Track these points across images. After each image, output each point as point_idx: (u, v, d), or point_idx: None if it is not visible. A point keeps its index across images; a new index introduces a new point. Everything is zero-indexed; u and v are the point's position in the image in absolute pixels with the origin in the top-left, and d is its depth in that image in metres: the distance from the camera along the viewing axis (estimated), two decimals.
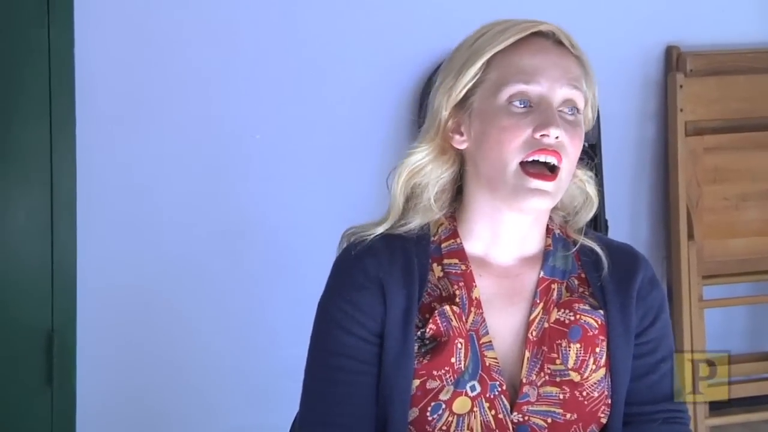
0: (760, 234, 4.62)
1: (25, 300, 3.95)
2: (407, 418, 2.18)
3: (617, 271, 2.27)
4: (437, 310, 2.17)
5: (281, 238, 3.88)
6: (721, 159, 4.55)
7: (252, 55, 4.12)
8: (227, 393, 4.10)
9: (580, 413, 2.18)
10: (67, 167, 3.91)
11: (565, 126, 2.10)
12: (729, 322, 4.70)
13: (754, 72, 4.56)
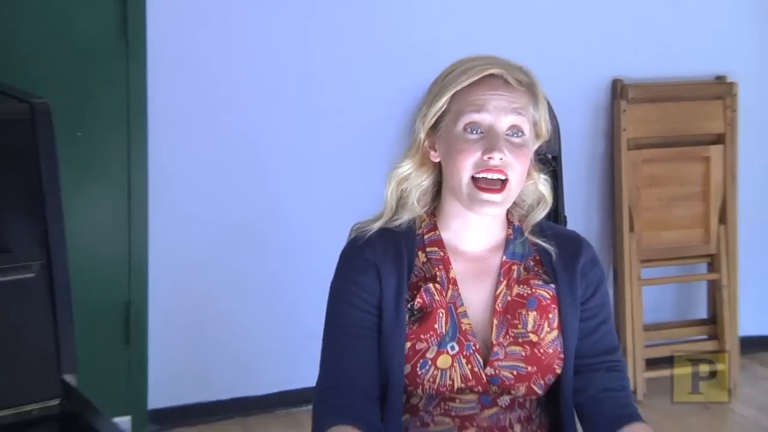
0: (686, 227, 4.72)
1: (108, 278, 4.02)
2: (403, 372, 2.23)
3: (565, 253, 2.35)
4: (423, 287, 2.26)
5: (304, 230, 3.94)
6: (656, 168, 4.62)
7: (280, 77, 4.10)
8: (266, 350, 4.11)
9: (539, 366, 2.24)
10: (140, 172, 3.97)
11: (510, 148, 2.16)
12: (661, 297, 4.75)
13: (682, 100, 4.65)
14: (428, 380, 2.23)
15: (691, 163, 4.66)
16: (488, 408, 2.29)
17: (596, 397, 2.33)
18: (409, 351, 2.23)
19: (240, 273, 4.14)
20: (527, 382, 2.25)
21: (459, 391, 2.26)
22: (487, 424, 2.29)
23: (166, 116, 3.95)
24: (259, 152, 4.11)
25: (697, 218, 4.69)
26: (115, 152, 3.94)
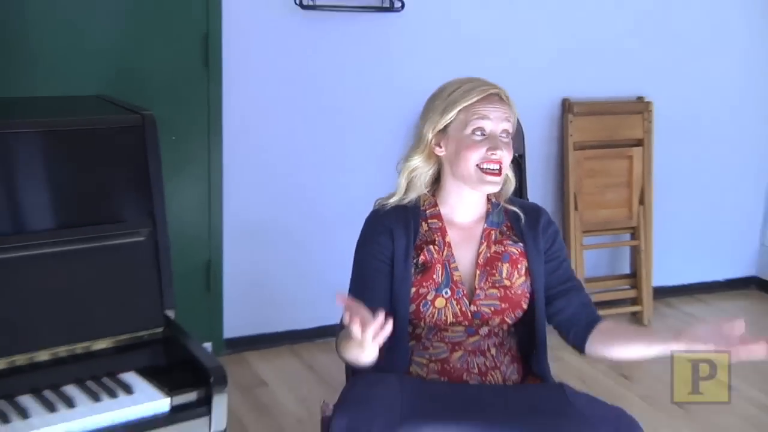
0: (615, 207, 4.72)
1: (194, 243, 4.01)
2: (409, 309, 2.29)
3: (529, 218, 2.43)
4: (425, 248, 2.33)
5: (337, 205, 3.95)
6: (593, 164, 4.63)
7: (316, 96, 4.10)
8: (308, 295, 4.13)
9: (510, 303, 2.33)
10: (216, 165, 3.99)
11: (503, 146, 2.24)
12: (597, 258, 4.77)
13: (612, 113, 4.67)
14: (428, 316, 2.27)
15: (618, 160, 4.65)
16: (472, 336, 2.33)
17: (575, 312, 2.38)
18: (414, 294, 2.28)
19: (288, 237, 4.14)
20: (501, 316, 2.30)
21: (451, 324, 2.30)
22: (471, 348, 2.33)
23: (235, 124, 3.95)
24: (302, 150, 4.10)
25: (622, 200, 4.68)
26: (198, 150, 3.94)
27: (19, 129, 2.11)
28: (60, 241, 2.07)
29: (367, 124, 4.12)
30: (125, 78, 3.66)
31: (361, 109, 4.13)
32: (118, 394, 1.99)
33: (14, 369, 1.98)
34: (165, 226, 2.18)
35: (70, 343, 2.04)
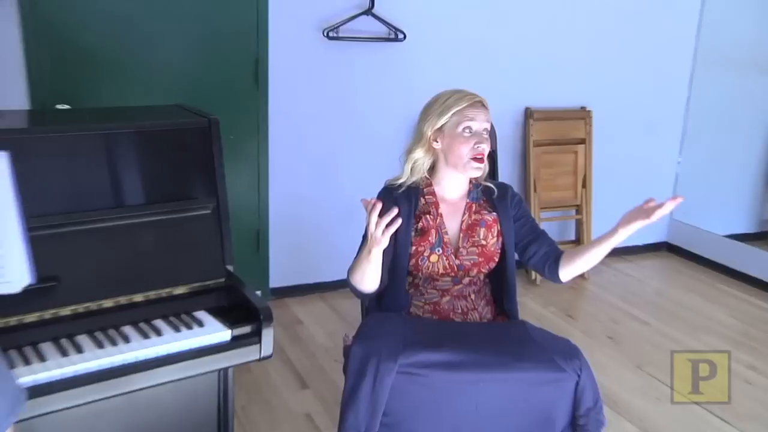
0: (564, 190, 4.71)
1: (246, 214, 4.01)
2: (408, 263, 2.33)
3: (500, 193, 2.44)
4: (422, 217, 2.36)
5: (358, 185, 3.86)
6: (548, 157, 4.63)
7: (343, 104, 4.08)
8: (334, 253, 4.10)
9: (485, 258, 2.36)
10: (264, 158, 3.98)
11: (485, 141, 2.25)
12: (551, 228, 4.72)
13: (563, 119, 4.65)
14: (425, 268, 2.28)
15: (567, 154, 4.64)
16: (457, 285, 2.35)
17: (546, 252, 2.39)
18: (414, 252, 2.30)
19: (318, 211, 4.15)
20: (478, 267, 2.32)
21: (441, 275, 2.32)
22: (456, 294, 2.35)
23: (278, 126, 3.95)
24: (328, 145, 4.10)
25: (569, 185, 4.67)
26: (250, 146, 3.94)
27: (121, 130, 2.13)
28: (149, 213, 2.08)
29: (377, 125, 4.11)
30: (198, 91, 3.66)
31: (372, 114, 4.12)
32: (193, 327, 2.00)
33: (119, 306, 2.00)
34: (225, 202, 2.18)
35: (157, 289, 2.06)
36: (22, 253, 1.82)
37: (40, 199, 1.92)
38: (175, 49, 3.67)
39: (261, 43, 3.80)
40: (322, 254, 4.17)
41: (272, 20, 3.79)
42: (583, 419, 2.09)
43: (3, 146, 1.84)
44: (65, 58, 3.44)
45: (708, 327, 4.02)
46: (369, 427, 2.04)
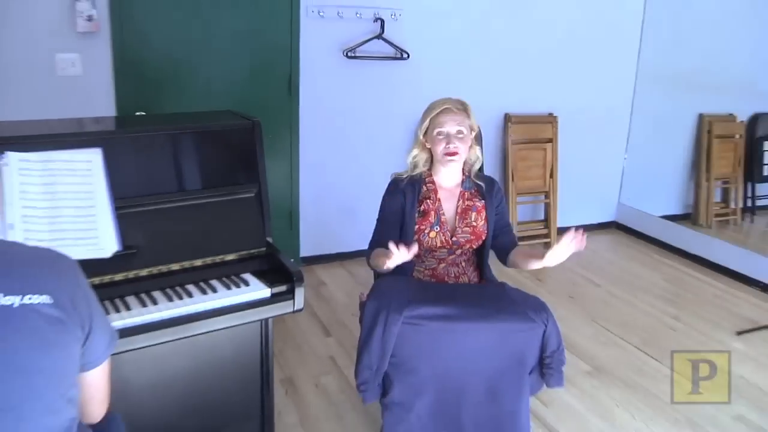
0: (536, 179, 4.65)
1: (281, 200, 4.00)
2: (413, 239, 2.31)
3: (487, 186, 2.41)
4: (424, 201, 2.35)
5: (375, 172, 3.83)
6: (523, 153, 4.59)
7: (363, 108, 4.04)
8: (354, 229, 4.10)
9: (475, 236, 2.38)
10: (295, 152, 3.96)
11: (456, 140, 2.24)
12: (525, 209, 4.72)
13: (534, 123, 4.61)
14: (426, 242, 2.29)
15: (538, 151, 4.60)
16: (451, 255, 2.38)
17: (505, 243, 2.40)
18: (417, 229, 2.29)
19: (341, 196, 4.14)
20: (470, 243, 2.31)
21: (439, 248, 2.34)
22: (450, 262, 2.37)
23: (306, 128, 3.93)
24: (348, 144, 4.08)
25: (540, 176, 4.63)
26: (284, 144, 3.92)
27: (184, 130, 2.14)
28: (205, 195, 2.09)
29: (386, 127, 4.09)
30: (243, 100, 3.65)
31: (382, 118, 4.10)
32: (241, 286, 2.02)
33: (183, 269, 2.02)
34: (266, 187, 2.19)
35: (212, 255, 2.07)
36: (111, 226, 1.86)
37: (124, 185, 1.94)
38: (227, 67, 3.68)
39: (293, 62, 3.79)
40: (343, 230, 4.17)
41: (303, 43, 3.78)
42: (548, 359, 2.12)
43: (97, 144, 1.89)
44: (143, 75, 3.51)
45: (646, 288, 4.05)
46: (380, 366, 2.06)
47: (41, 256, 1.17)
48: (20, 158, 1.78)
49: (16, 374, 1.06)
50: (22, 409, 1.07)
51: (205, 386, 2.19)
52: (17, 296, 1.07)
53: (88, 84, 3.38)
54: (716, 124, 5.00)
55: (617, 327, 3.47)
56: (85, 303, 1.17)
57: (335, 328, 3.37)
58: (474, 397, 2.12)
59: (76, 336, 1.15)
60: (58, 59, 3.30)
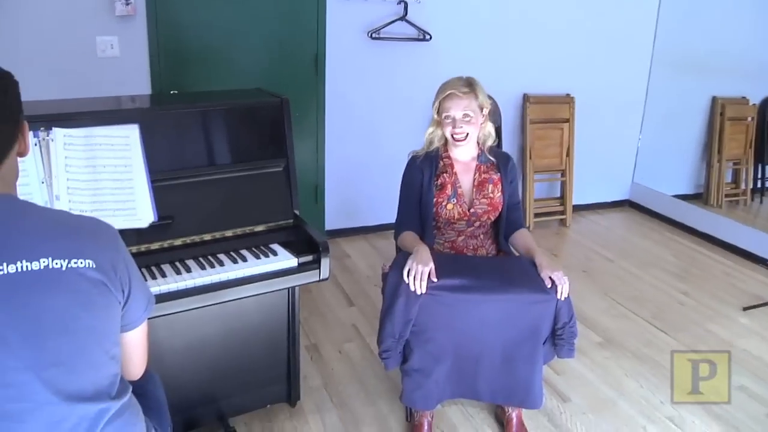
0: (553, 158, 4.61)
1: (308, 175, 4.00)
2: (432, 212, 2.31)
3: (502, 161, 2.39)
4: (441, 175, 2.34)
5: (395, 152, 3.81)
6: (541, 133, 4.53)
7: (387, 88, 4.01)
8: (376, 204, 4.11)
9: (492, 207, 2.36)
10: (321, 129, 3.95)
11: (463, 123, 2.21)
12: (541, 187, 4.67)
13: (552, 103, 4.54)
14: (443, 215, 2.28)
15: (555, 130, 4.53)
16: (469, 228, 2.36)
17: (511, 220, 2.37)
18: (435, 203, 2.27)
19: (364, 171, 4.12)
20: (487, 215, 2.30)
21: (457, 220, 2.32)
22: (468, 234, 2.37)
23: (332, 105, 3.91)
24: (371, 121, 4.06)
25: (557, 154, 4.57)
26: (311, 121, 3.91)
27: (215, 107, 2.15)
28: (236, 169, 2.11)
29: (408, 105, 4.04)
30: (272, 79, 3.65)
31: (404, 97, 4.06)
32: (269, 255, 2.04)
33: (215, 239, 2.04)
34: (293, 162, 2.20)
35: (243, 227, 2.09)
36: (148, 198, 1.88)
37: (159, 159, 1.96)
38: (257, 47, 3.67)
39: (320, 43, 3.77)
40: (366, 204, 4.17)
41: (329, 25, 3.76)
42: (560, 331, 2.11)
43: (134, 120, 1.91)
44: (177, 56, 3.52)
45: (656, 264, 4.00)
46: (401, 334, 2.07)
47: (85, 225, 1.19)
48: (65, 134, 1.80)
49: (66, 332, 1.10)
50: (71, 364, 1.11)
51: (236, 350, 2.23)
52: (64, 260, 1.10)
53: (125, 65, 3.41)
54: (729, 106, 4.90)
55: (629, 301, 3.45)
56: (124, 268, 1.20)
57: (358, 298, 3.39)
58: (490, 364, 2.13)
59: (117, 298, 1.18)
60: (98, 41, 3.34)
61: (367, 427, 2.38)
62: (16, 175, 1.19)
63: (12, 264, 1.06)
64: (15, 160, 1.17)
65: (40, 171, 1.76)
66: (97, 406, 1.15)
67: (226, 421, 2.27)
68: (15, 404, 1.07)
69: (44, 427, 1.10)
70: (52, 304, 1.09)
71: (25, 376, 1.06)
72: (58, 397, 1.09)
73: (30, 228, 1.11)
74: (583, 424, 2.43)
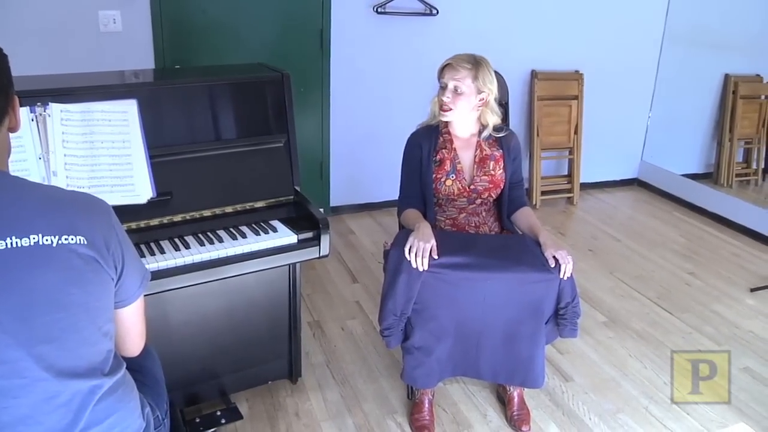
0: (561, 135, 4.57)
1: (313, 152, 3.99)
2: (432, 189, 2.29)
3: (505, 138, 2.34)
4: (440, 150, 2.31)
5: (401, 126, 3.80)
6: (549, 110, 4.49)
7: (390, 66, 3.98)
8: (383, 180, 4.09)
9: (494, 185, 2.33)
10: (326, 105, 3.93)
11: (451, 94, 2.19)
12: (549, 165, 4.63)
13: (561, 80, 4.49)
14: (443, 191, 2.26)
15: (563, 107, 4.47)
16: (471, 205, 2.33)
17: (513, 198, 2.34)
18: (434, 179, 2.24)
19: (369, 147, 4.09)
20: (489, 192, 2.28)
21: (457, 196, 2.30)
22: (470, 211, 2.34)
23: (337, 81, 3.88)
24: (376, 97, 4.02)
25: (564, 131, 4.52)
26: (316, 97, 3.88)
27: (216, 82, 2.13)
28: (237, 145, 2.09)
29: (413, 81, 3.97)
30: (277, 54, 3.63)
31: (410, 72, 4.01)
32: (269, 232, 2.03)
33: (214, 215, 2.03)
34: (294, 137, 2.17)
35: (243, 203, 2.08)
36: (146, 174, 1.87)
37: (159, 134, 1.95)
38: (260, 23, 3.63)
39: (325, 17, 3.72)
40: (371, 181, 4.15)
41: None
42: (563, 310, 2.09)
43: (133, 95, 1.91)
44: (180, 31, 3.50)
45: (664, 243, 3.97)
46: (404, 311, 2.06)
47: (77, 200, 1.18)
48: (62, 109, 1.79)
49: (57, 308, 1.10)
50: (63, 341, 1.11)
51: (237, 327, 2.23)
52: (55, 236, 1.09)
53: (128, 39, 3.38)
54: (742, 84, 4.82)
55: (634, 280, 3.43)
56: (117, 245, 1.19)
57: (362, 274, 3.38)
58: (492, 343, 2.12)
59: (110, 275, 1.17)
60: (101, 16, 3.31)
61: (368, 404, 2.38)
62: (7, 151, 1.17)
63: (2, 240, 1.05)
64: (6, 136, 1.15)
65: (38, 146, 1.74)
66: (90, 382, 1.15)
67: (228, 396, 2.28)
68: (8, 380, 1.07)
69: (38, 402, 1.10)
70: (43, 281, 1.08)
71: (17, 353, 1.06)
72: (50, 373, 1.09)
73: (21, 204, 1.10)
74: (584, 404, 2.43)
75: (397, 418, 2.31)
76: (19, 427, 1.09)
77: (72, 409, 1.13)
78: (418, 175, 2.28)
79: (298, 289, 2.28)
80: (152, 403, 1.41)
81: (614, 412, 2.40)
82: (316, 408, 2.35)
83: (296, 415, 2.31)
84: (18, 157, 1.71)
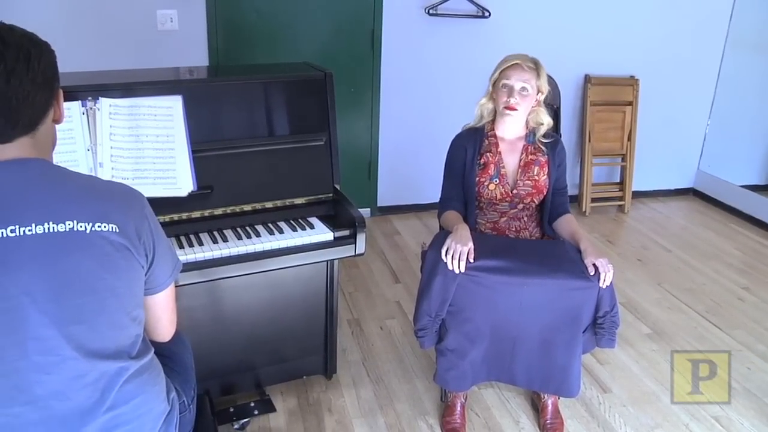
0: (613, 141, 4.45)
1: (362, 152, 4.00)
2: (475, 192, 2.27)
3: (552, 143, 2.31)
4: (485, 154, 2.29)
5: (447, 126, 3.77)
6: (602, 115, 4.39)
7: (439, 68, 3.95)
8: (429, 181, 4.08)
9: (537, 190, 2.29)
10: (376, 105, 3.93)
11: (517, 96, 2.16)
12: (600, 171, 4.53)
13: (614, 85, 4.39)
14: (485, 195, 2.23)
15: (617, 113, 4.37)
16: (513, 209, 2.30)
17: (557, 204, 2.29)
18: (477, 182, 2.22)
19: (417, 149, 4.08)
20: (531, 197, 2.24)
21: (499, 200, 2.27)
22: (511, 215, 2.31)
23: (388, 82, 3.89)
24: (427, 99, 4.01)
25: (618, 138, 4.42)
26: (366, 97, 3.89)
27: (260, 80, 2.16)
28: (279, 142, 2.11)
29: (465, 83, 3.95)
30: (328, 55, 3.66)
31: (461, 74, 3.99)
32: (306, 228, 2.04)
33: (254, 210, 2.06)
34: (335, 136, 2.17)
35: (282, 199, 2.10)
36: (188, 168, 1.91)
37: (202, 130, 1.99)
38: (312, 23, 3.66)
39: (376, 19, 3.74)
40: (419, 182, 4.13)
41: (386, 0, 3.72)
42: (602, 320, 2.04)
43: (179, 92, 1.95)
44: (234, 30, 3.58)
45: (717, 256, 3.83)
46: (438, 312, 2.05)
47: (112, 191, 1.22)
48: (111, 103, 1.85)
49: (89, 292, 1.14)
50: (93, 323, 1.15)
51: (274, 321, 2.25)
52: (89, 223, 1.13)
53: (184, 38, 3.48)
54: None
55: (683, 293, 3.31)
56: (149, 234, 1.22)
57: (404, 275, 3.38)
58: (527, 349, 2.09)
59: (140, 263, 1.20)
60: (159, 15, 3.41)
61: (401, 404, 2.37)
62: (52, 142, 1.22)
63: (40, 225, 1.10)
64: (51, 127, 1.20)
65: (87, 139, 1.80)
66: (117, 364, 1.19)
67: (263, 389, 2.31)
68: (43, 357, 1.12)
69: (67, 380, 1.14)
70: (77, 265, 1.12)
71: (50, 331, 1.11)
72: (79, 353, 1.13)
73: (59, 192, 1.15)
74: (621, 417, 2.36)
75: (428, 420, 2.30)
76: (51, 401, 1.14)
77: (99, 389, 1.17)
78: (460, 177, 2.26)
79: (335, 286, 2.29)
80: (179, 388, 1.44)
81: (652, 427, 2.31)
82: (348, 405, 2.35)
83: (329, 410, 2.32)
84: (68, 149, 1.78)
